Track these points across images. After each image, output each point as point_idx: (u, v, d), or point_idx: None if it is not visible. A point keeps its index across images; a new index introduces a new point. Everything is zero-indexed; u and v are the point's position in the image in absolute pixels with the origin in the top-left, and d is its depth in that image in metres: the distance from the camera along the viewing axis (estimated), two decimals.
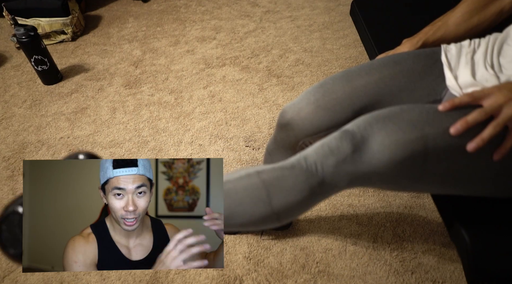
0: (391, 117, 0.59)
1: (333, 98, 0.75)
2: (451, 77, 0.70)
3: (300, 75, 1.80)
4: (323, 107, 0.75)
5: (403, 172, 0.58)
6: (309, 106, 0.76)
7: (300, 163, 0.60)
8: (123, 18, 2.37)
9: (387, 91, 0.74)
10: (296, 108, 0.78)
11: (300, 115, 0.77)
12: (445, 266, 1.07)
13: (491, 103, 0.55)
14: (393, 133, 0.57)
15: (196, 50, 2.03)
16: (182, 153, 1.47)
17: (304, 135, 0.79)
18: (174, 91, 1.76)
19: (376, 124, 0.59)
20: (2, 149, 1.54)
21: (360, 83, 0.75)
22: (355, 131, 0.59)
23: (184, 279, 1.08)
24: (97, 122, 1.63)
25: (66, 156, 0.66)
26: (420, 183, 0.61)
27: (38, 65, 1.76)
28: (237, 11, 2.34)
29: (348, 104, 0.74)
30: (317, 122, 0.76)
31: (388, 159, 0.56)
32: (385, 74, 0.75)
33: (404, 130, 0.56)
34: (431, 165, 0.58)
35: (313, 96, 0.77)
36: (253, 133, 1.52)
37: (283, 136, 0.84)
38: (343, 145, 0.59)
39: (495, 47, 0.70)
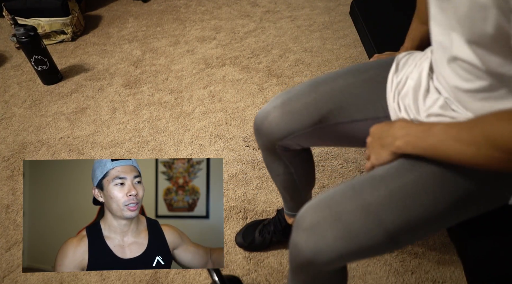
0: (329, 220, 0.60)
1: (299, 103, 0.77)
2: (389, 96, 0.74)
3: (300, 75, 1.80)
4: (289, 111, 0.77)
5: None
6: (276, 111, 0.79)
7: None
8: (123, 18, 2.37)
9: (351, 100, 0.76)
10: (264, 113, 0.81)
11: (268, 120, 0.80)
12: (445, 266, 1.07)
13: (368, 153, 0.67)
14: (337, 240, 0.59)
15: (196, 50, 2.03)
16: (182, 153, 1.47)
17: (275, 139, 0.81)
18: (174, 91, 1.76)
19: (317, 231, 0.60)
20: (2, 149, 1.54)
21: (325, 89, 0.77)
22: (303, 249, 0.61)
23: (184, 279, 1.08)
24: (97, 122, 1.63)
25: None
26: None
27: (38, 65, 1.76)
28: (237, 11, 2.34)
29: (314, 108, 0.76)
30: (284, 126, 0.78)
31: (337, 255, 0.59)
32: (349, 82, 0.77)
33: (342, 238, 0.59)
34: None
35: (280, 101, 0.79)
36: (253, 133, 1.52)
37: (259, 141, 0.86)
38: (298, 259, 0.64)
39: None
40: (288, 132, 0.78)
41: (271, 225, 1.11)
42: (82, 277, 1.10)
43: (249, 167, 1.38)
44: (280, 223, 1.09)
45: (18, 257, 1.17)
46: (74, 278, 1.09)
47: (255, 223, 1.16)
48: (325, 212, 0.60)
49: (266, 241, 1.11)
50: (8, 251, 1.18)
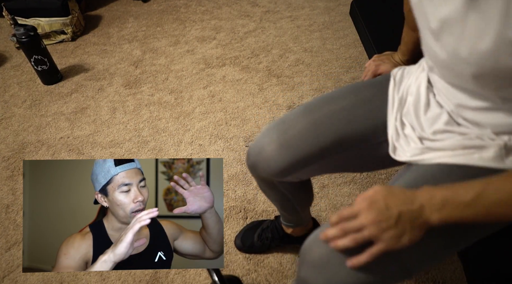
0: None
1: (294, 134, 0.70)
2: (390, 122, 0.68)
3: (300, 75, 1.80)
4: (285, 145, 0.70)
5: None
6: (271, 146, 0.71)
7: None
8: (123, 18, 2.37)
9: (350, 127, 0.70)
10: (257, 148, 0.73)
11: (263, 156, 0.72)
12: (445, 266, 1.07)
13: (355, 225, 0.52)
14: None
15: (196, 50, 2.03)
16: (182, 153, 1.47)
17: (271, 175, 0.74)
18: (174, 91, 1.76)
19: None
20: (2, 148, 1.54)
21: (320, 114, 0.71)
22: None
23: (184, 279, 1.08)
24: (97, 122, 1.63)
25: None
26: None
27: (38, 65, 1.76)
28: (237, 11, 2.34)
29: (312, 137, 0.70)
30: (281, 161, 0.70)
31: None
32: (343, 105, 0.71)
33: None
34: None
35: (274, 134, 0.71)
36: (253, 133, 1.52)
37: (255, 176, 0.80)
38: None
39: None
40: (285, 167, 0.71)
41: (269, 231, 1.08)
42: (82, 277, 1.09)
43: None
44: (277, 231, 1.07)
45: (18, 257, 1.17)
46: (74, 278, 1.09)
47: (254, 225, 1.15)
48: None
49: (265, 246, 1.10)
50: (8, 251, 1.18)
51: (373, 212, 0.51)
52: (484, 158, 0.56)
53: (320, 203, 1.26)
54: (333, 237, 0.54)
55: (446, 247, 0.56)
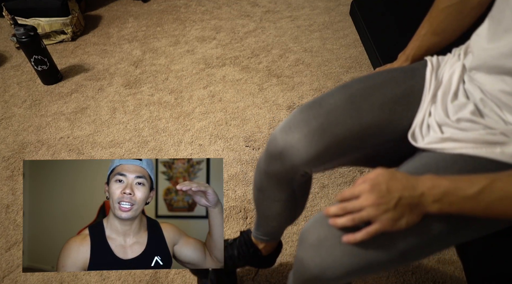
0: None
1: (331, 110, 0.65)
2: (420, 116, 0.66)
3: (300, 75, 1.80)
4: (324, 123, 0.64)
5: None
6: (311, 125, 0.64)
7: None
8: (123, 18, 2.37)
9: (392, 117, 0.66)
10: (289, 132, 0.65)
11: (296, 139, 0.64)
12: (445, 266, 1.07)
13: (355, 205, 0.53)
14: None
15: (196, 50, 2.03)
16: (182, 153, 1.47)
17: (303, 162, 0.66)
18: (174, 91, 1.76)
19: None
20: (2, 148, 1.54)
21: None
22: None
23: (184, 279, 1.08)
24: (97, 122, 1.63)
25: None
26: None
27: (38, 65, 1.76)
28: (237, 11, 2.34)
29: (351, 111, 0.65)
30: (320, 143, 0.64)
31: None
32: (377, 81, 0.68)
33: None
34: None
35: (311, 112, 0.65)
36: (253, 133, 1.52)
37: (277, 168, 0.70)
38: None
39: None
40: (323, 152, 0.65)
41: (234, 249, 0.93)
42: (82, 277, 1.10)
43: (249, 167, 1.38)
44: (247, 247, 0.92)
45: (18, 257, 1.17)
46: (74, 278, 1.09)
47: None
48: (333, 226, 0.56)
49: (228, 267, 0.95)
50: (8, 251, 1.18)
51: (374, 195, 0.51)
52: (506, 153, 0.56)
53: (320, 203, 1.26)
54: (334, 214, 0.55)
55: (443, 237, 0.57)
